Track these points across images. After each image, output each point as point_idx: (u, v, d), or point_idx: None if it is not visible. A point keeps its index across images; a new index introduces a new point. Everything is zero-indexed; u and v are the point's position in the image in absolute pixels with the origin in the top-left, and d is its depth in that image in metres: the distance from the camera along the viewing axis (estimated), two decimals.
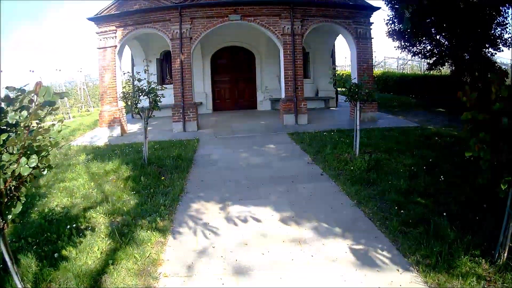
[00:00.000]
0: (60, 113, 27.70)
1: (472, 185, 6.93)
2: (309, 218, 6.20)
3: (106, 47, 14.99)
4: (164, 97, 9.87)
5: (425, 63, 33.35)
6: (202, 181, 8.41)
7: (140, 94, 9.33)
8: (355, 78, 13.94)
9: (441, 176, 7.58)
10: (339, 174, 8.36)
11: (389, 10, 21.55)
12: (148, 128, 15.90)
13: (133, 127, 16.47)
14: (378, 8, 15.88)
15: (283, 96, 15.26)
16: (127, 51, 18.94)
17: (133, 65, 20.06)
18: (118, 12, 14.87)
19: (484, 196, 6.19)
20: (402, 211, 6.07)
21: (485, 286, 4.16)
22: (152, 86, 9.45)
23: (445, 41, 21.25)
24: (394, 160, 9.13)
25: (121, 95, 9.70)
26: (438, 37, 21.35)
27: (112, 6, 15.04)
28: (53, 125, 3.59)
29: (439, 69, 23.41)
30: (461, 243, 4.88)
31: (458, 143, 10.60)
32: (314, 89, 20.83)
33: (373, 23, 15.66)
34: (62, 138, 14.26)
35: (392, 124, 14.19)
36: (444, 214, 5.75)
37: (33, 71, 26.36)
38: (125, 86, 9.68)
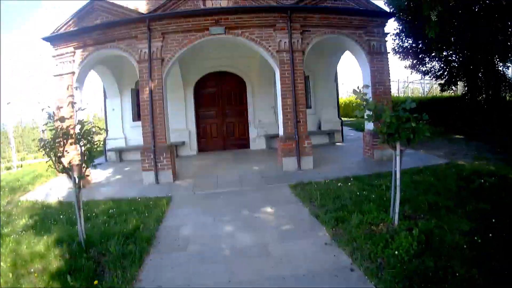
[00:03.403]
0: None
1: None
2: None
3: (62, 74, 12.06)
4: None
5: (428, 85, 31.72)
6: None
7: (65, 141, 6.16)
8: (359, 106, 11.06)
9: None
10: (378, 267, 5.20)
11: (396, 23, 19.16)
12: (116, 177, 13.18)
13: (103, 174, 13.42)
14: (394, 15, 13.13)
15: (281, 133, 12.09)
16: (97, 80, 16.31)
17: (105, 98, 17.20)
18: (76, 29, 11.91)
19: None
20: None
21: None
22: (87, 126, 6.39)
23: (455, 57, 19.18)
24: (446, 226, 6.16)
25: (39, 143, 6.37)
26: (451, 52, 18.99)
27: (70, 22, 12.11)
28: None
29: (452, 89, 20.83)
30: None
31: (505, 185, 8.29)
32: (316, 121, 17.79)
33: (388, 33, 12.79)
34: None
35: (417, 162, 11.34)
36: None
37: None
38: (45, 130, 6.48)
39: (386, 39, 12.88)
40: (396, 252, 5.37)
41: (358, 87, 6.43)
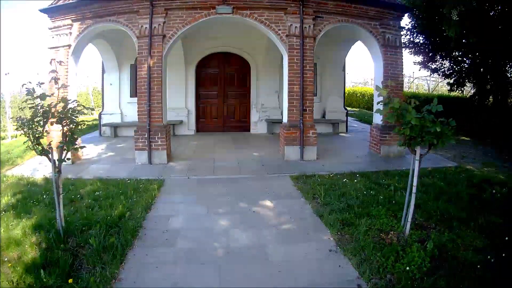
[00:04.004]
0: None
1: None
2: None
3: (58, 47, 11.34)
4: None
5: (433, 83, 31.19)
6: None
7: (45, 120, 5.43)
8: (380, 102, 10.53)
9: None
10: (388, 285, 4.60)
11: (408, 18, 18.56)
12: (108, 153, 12.50)
13: (94, 150, 12.84)
14: (411, 10, 12.52)
15: (285, 119, 11.43)
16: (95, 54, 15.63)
17: (103, 72, 16.51)
18: (75, 1, 11.12)
19: None
20: None
21: None
22: (71, 105, 5.66)
23: (465, 58, 18.56)
24: (460, 241, 5.64)
25: (18, 122, 5.58)
26: (460, 53, 18.39)
27: None
28: None
29: (461, 90, 20.30)
30: None
31: None
32: (321, 110, 17.20)
33: (403, 28, 12.08)
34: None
35: (425, 162, 10.17)
36: None
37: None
38: (24, 107, 5.70)
39: (402, 33, 12.22)
40: (408, 268, 4.81)
41: (382, 82, 5.79)
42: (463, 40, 15.91)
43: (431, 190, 8.06)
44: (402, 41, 18.40)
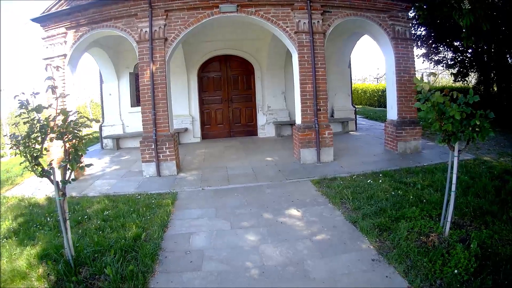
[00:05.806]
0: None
1: None
2: None
3: (53, 57, 10.71)
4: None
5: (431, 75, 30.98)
6: None
7: (44, 136, 4.71)
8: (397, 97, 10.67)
9: None
10: None
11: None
12: (113, 167, 11.96)
13: (98, 164, 12.24)
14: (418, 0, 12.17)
15: (298, 121, 10.87)
16: (92, 65, 15.17)
17: (101, 82, 15.97)
18: (69, 7, 10.56)
19: None
20: None
21: None
22: (72, 117, 4.94)
23: (468, 48, 18.07)
24: (497, 235, 5.34)
25: (12, 141, 4.80)
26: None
27: (62, 1, 10.74)
28: None
29: (465, 80, 19.89)
30: None
31: None
32: (329, 109, 16.52)
33: (413, 18, 11.61)
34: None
35: (442, 156, 10.51)
36: None
37: None
38: (17, 123, 5.02)
39: (410, 24, 11.89)
40: (456, 271, 4.47)
41: (422, 75, 5.27)
42: (474, 28, 15.60)
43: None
44: None
